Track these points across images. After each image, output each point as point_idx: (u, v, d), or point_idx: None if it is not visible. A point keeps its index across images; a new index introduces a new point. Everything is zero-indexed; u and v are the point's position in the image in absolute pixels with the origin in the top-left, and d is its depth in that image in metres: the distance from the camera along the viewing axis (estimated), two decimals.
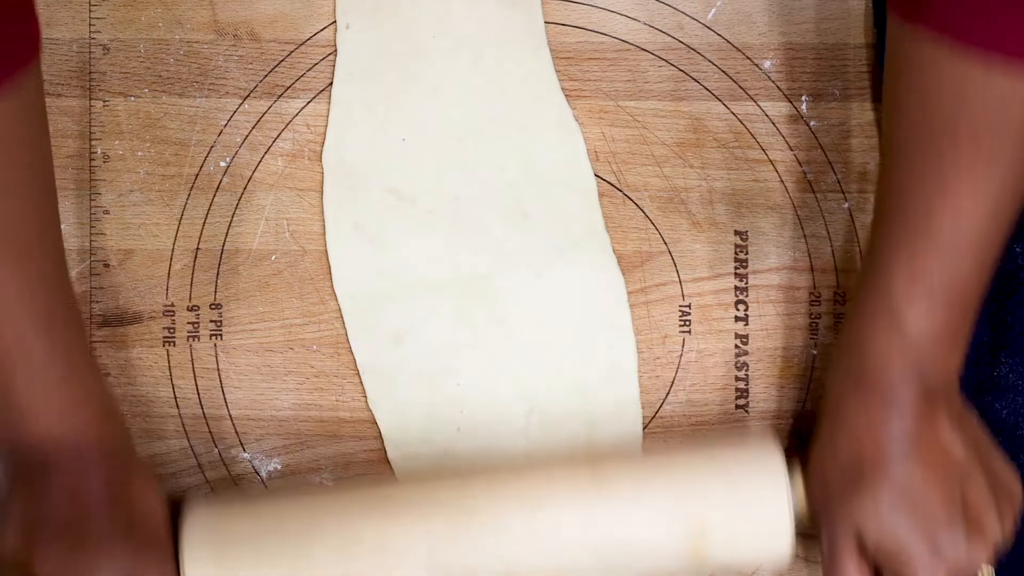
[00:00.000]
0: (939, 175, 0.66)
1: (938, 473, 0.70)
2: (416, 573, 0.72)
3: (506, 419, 0.81)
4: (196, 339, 0.81)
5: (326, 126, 0.82)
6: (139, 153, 0.82)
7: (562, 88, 0.82)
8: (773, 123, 0.82)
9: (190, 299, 0.82)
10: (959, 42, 0.63)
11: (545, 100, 0.81)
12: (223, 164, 0.82)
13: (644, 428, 0.82)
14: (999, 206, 0.67)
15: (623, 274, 0.81)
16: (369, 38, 0.81)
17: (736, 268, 0.82)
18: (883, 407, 0.70)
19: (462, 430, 0.81)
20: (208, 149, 0.82)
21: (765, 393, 0.82)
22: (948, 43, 0.63)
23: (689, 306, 0.82)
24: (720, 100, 0.82)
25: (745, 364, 0.82)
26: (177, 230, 0.82)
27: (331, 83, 0.81)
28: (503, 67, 0.81)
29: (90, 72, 0.81)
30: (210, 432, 0.81)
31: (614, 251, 0.82)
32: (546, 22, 0.82)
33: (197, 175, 0.82)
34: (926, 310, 0.69)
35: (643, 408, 0.82)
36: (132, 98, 0.82)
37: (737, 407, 0.82)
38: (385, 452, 0.81)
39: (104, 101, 0.81)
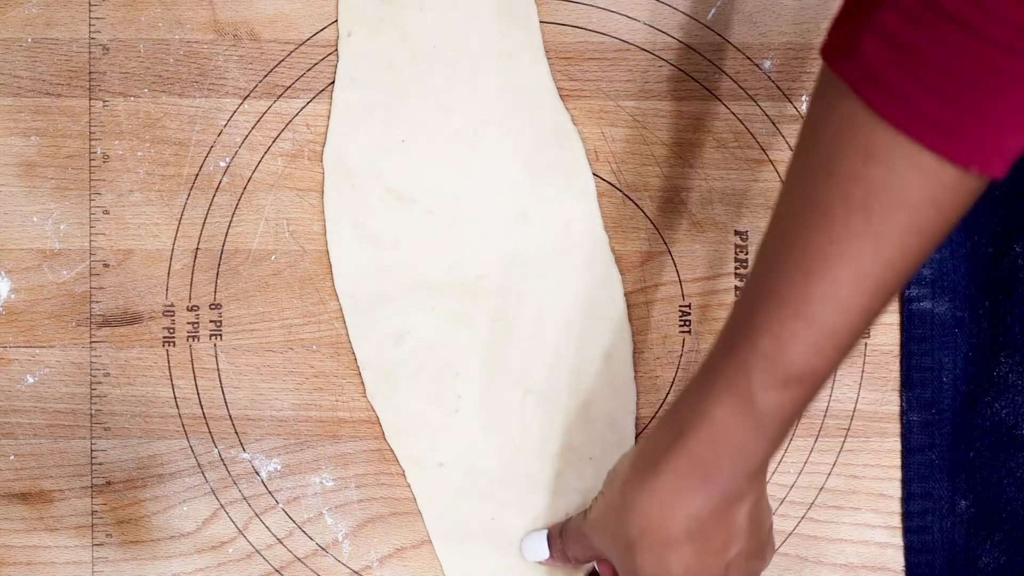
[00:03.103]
0: (824, 248, 0.61)
1: (715, 557, 0.67)
2: None
3: (503, 401, 0.81)
4: (196, 339, 0.81)
5: (326, 126, 0.82)
6: (139, 153, 0.82)
7: (562, 88, 0.82)
8: (773, 123, 0.82)
9: (190, 299, 0.82)
10: (873, 108, 0.59)
11: (543, 105, 0.81)
12: (223, 164, 0.82)
13: (645, 428, 0.82)
14: (877, 291, 0.62)
15: (621, 273, 0.82)
16: (371, 46, 0.81)
17: (736, 268, 0.82)
18: (698, 481, 0.66)
19: (460, 412, 0.81)
20: (208, 149, 0.82)
21: None
22: (864, 103, 0.59)
23: (689, 306, 0.82)
24: (720, 100, 0.82)
25: None
26: (177, 230, 0.82)
27: (331, 83, 0.82)
28: (502, 75, 0.81)
29: (90, 72, 0.81)
30: (210, 432, 0.81)
31: (614, 253, 0.82)
32: (545, 22, 0.82)
33: (197, 175, 0.82)
34: (779, 392, 0.64)
35: (643, 408, 0.82)
36: (132, 98, 0.82)
37: None
38: (381, 447, 0.81)
39: (104, 101, 0.81)
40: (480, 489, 0.81)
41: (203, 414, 0.81)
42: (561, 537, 0.78)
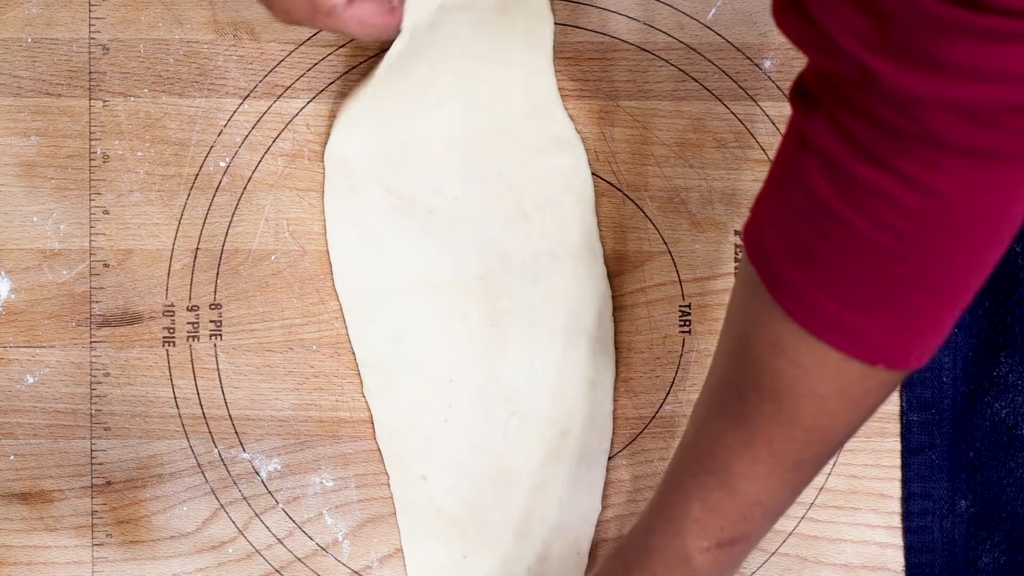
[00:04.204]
0: (741, 428, 0.63)
1: None
2: None
3: (489, 418, 0.81)
4: (196, 339, 0.81)
5: (328, 126, 0.82)
6: (139, 153, 0.82)
7: (562, 88, 0.82)
8: (773, 123, 0.82)
9: (190, 299, 0.82)
10: (776, 302, 0.59)
11: (547, 115, 0.81)
12: (223, 164, 0.82)
13: (644, 428, 0.82)
14: (797, 467, 0.64)
15: (621, 274, 0.82)
16: (422, 44, 0.79)
17: (736, 268, 0.82)
18: None
19: (449, 422, 0.81)
20: (208, 149, 0.82)
21: None
22: (769, 295, 0.60)
23: (689, 306, 0.82)
24: (720, 100, 0.82)
25: None
26: (177, 230, 0.82)
27: (332, 83, 0.82)
28: (508, 84, 0.81)
29: (90, 72, 0.81)
30: (210, 432, 0.81)
31: (614, 253, 0.82)
32: None
33: (197, 175, 0.82)
34: (714, 553, 0.66)
35: (643, 408, 0.82)
36: (132, 98, 0.82)
37: None
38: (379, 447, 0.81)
39: (104, 101, 0.81)
40: (457, 516, 0.81)
41: (203, 414, 0.81)
42: None
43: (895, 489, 0.82)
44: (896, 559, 0.82)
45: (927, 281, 0.57)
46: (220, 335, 0.82)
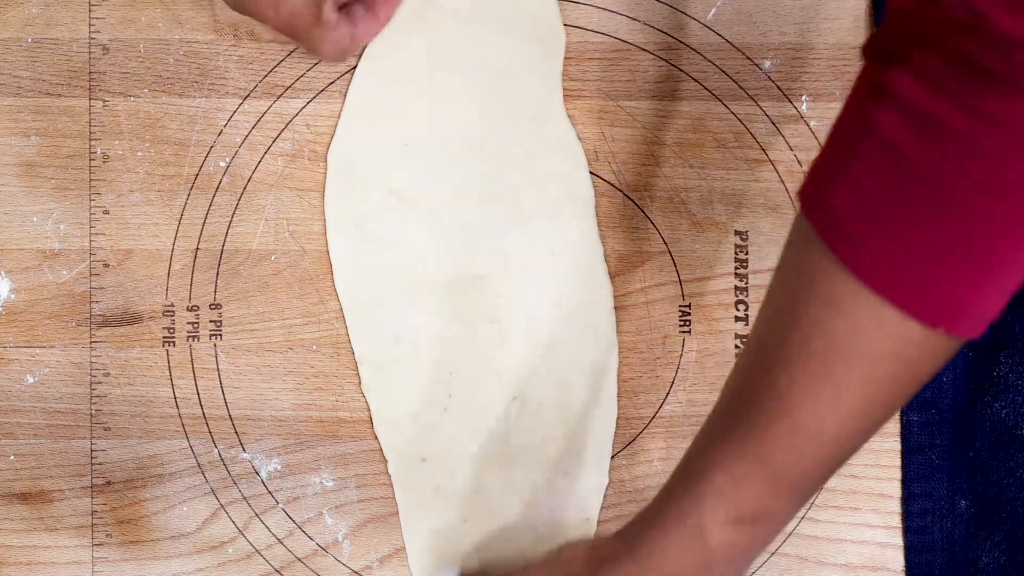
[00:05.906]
0: (781, 394, 0.60)
1: None
2: None
3: (490, 404, 0.82)
4: (196, 339, 0.81)
5: (329, 126, 0.82)
6: (139, 153, 0.82)
7: (563, 88, 0.82)
8: (773, 123, 0.82)
9: (190, 299, 0.82)
10: (837, 256, 0.58)
11: (547, 118, 0.81)
12: (223, 164, 0.82)
13: (644, 428, 0.82)
14: (837, 440, 0.61)
15: (622, 273, 0.82)
16: (395, 48, 0.81)
17: (736, 268, 0.82)
18: None
19: (449, 411, 0.81)
20: (208, 149, 0.82)
21: None
22: (829, 251, 0.58)
23: (689, 306, 0.82)
24: (720, 100, 0.82)
25: None
26: (177, 230, 0.82)
27: (331, 83, 0.82)
28: (514, 92, 0.81)
29: (90, 72, 0.81)
30: (210, 432, 0.81)
31: (614, 253, 0.82)
32: None
33: (197, 175, 0.82)
34: (731, 530, 0.63)
35: (643, 408, 0.82)
36: (132, 98, 0.82)
37: None
38: (376, 436, 0.81)
39: (104, 101, 0.81)
40: (457, 489, 0.81)
41: (203, 414, 0.81)
42: None
43: (895, 489, 0.82)
44: (896, 559, 0.82)
45: (1006, 229, 0.56)
46: (220, 335, 0.82)
